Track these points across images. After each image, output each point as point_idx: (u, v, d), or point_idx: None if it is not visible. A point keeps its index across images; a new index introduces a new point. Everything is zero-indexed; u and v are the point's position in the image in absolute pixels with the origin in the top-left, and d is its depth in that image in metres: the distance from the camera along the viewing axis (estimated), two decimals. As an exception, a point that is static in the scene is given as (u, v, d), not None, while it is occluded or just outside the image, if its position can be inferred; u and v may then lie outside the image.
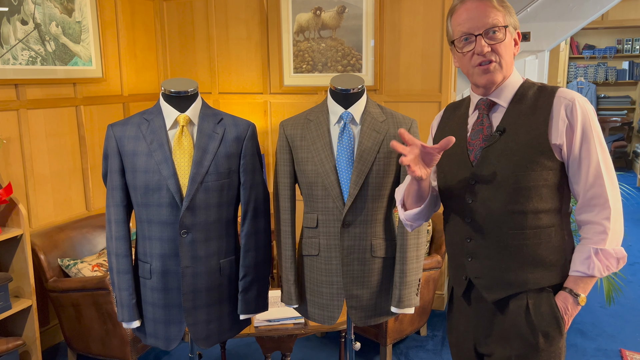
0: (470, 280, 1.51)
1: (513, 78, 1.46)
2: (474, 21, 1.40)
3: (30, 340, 2.76)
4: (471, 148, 1.47)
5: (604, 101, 8.87)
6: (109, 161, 1.79)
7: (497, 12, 1.40)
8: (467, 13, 1.40)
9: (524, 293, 1.43)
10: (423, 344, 3.20)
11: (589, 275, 1.38)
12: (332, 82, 1.87)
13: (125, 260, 1.81)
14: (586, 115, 1.38)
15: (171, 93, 1.78)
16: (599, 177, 1.37)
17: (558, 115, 1.38)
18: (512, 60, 1.45)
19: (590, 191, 1.38)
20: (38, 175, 3.08)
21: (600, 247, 1.36)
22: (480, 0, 1.41)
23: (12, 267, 2.73)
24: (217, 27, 3.82)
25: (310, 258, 1.94)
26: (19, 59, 2.91)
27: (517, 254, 1.42)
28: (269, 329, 2.39)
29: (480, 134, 1.47)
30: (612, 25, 7.53)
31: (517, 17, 4.56)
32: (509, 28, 1.41)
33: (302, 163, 1.88)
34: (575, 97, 1.39)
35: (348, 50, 3.51)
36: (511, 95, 1.45)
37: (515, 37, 1.46)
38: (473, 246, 1.48)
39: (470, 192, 1.46)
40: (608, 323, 3.44)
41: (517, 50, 1.46)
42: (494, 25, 1.39)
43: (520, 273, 1.42)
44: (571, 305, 1.40)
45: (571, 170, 1.40)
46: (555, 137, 1.37)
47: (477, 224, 1.46)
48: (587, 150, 1.37)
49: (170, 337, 1.85)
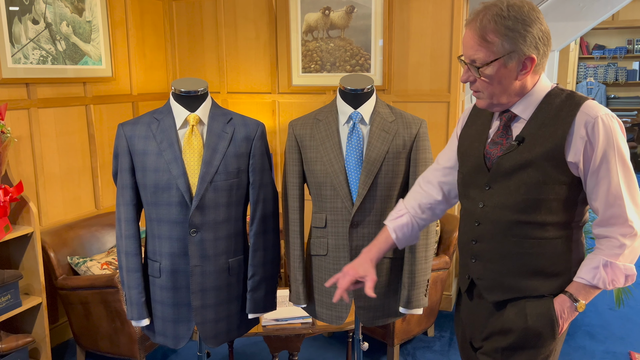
0: (472, 280, 1.53)
1: (538, 88, 1.40)
2: (464, 49, 1.39)
3: (40, 337, 2.78)
4: (488, 156, 1.46)
5: (614, 102, 8.81)
6: (119, 160, 1.80)
7: (479, 48, 1.35)
8: (464, 38, 1.40)
9: (523, 298, 1.43)
10: (430, 344, 3.19)
11: (592, 285, 1.36)
12: (342, 82, 1.87)
13: (134, 259, 1.82)
14: (609, 134, 1.32)
15: (181, 93, 1.79)
16: (618, 197, 1.32)
17: (578, 133, 1.33)
18: (507, 90, 1.38)
19: (609, 211, 1.34)
20: (48, 173, 3.11)
21: (611, 260, 1.34)
22: (470, 30, 1.37)
23: (22, 265, 2.75)
24: (225, 27, 3.83)
25: (318, 258, 1.94)
26: (30, 58, 2.93)
27: (518, 261, 1.42)
28: (276, 329, 2.39)
29: (499, 145, 1.44)
30: (622, 25, 7.48)
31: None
32: (501, 59, 1.34)
33: (311, 163, 1.88)
34: (600, 113, 1.33)
35: (357, 50, 3.50)
36: (533, 107, 1.40)
37: (517, 63, 1.35)
38: (478, 248, 1.49)
39: (483, 197, 1.46)
40: (617, 325, 3.42)
41: (523, 76, 1.37)
42: (474, 60, 1.36)
43: (520, 279, 1.42)
44: (568, 309, 1.38)
45: (589, 188, 1.36)
46: (571, 155, 1.34)
47: (484, 228, 1.46)
48: (607, 170, 1.32)
49: (178, 336, 1.85)
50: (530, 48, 1.34)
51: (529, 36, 1.33)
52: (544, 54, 1.37)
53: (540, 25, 1.34)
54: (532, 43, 1.34)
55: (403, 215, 1.67)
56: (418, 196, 1.68)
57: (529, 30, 1.33)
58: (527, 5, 1.35)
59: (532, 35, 1.33)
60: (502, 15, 1.33)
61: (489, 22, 1.33)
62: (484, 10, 1.36)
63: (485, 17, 1.34)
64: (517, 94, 1.40)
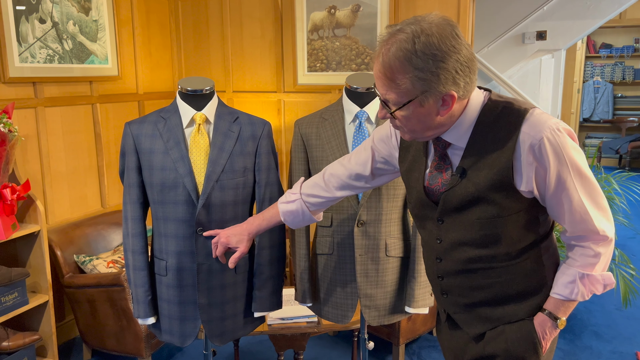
0: (448, 314, 1.47)
1: (469, 110, 1.24)
2: (376, 83, 1.23)
3: (47, 335, 2.79)
4: (431, 192, 1.34)
5: (621, 101, 8.76)
6: (126, 159, 1.81)
7: (388, 89, 1.19)
8: (374, 71, 1.24)
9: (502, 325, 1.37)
10: (436, 344, 3.19)
11: (570, 299, 1.30)
12: (348, 80, 1.87)
13: (141, 257, 1.82)
14: (559, 152, 1.18)
15: (188, 91, 1.79)
16: (583, 213, 1.23)
17: (525, 159, 1.20)
18: (430, 125, 1.23)
19: (577, 227, 1.25)
20: (55, 172, 3.12)
21: (587, 272, 1.26)
22: (377, 65, 1.20)
23: (29, 263, 2.76)
24: (231, 25, 3.84)
25: (324, 257, 1.94)
26: (37, 57, 2.94)
27: (489, 292, 1.34)
28: (282, 327, 2.39)
29: (440, 178, 1.32)
30: (629, 24, 7.44)
31: (533, 15, 4.51)
32: (415, 100, 1.17)
33: (317, 162, 1.88)
34: (544, 133, 1.18)
35: (362, 48, 3.50)
36: (468, 133, 1.25)
37: (434, 101, 1.18)
38: (446, 284, 1.41)
39: (439, 233, 1.36)
40: (624, 325, 3.40)
41: (445, 111, 1.19)
42: (387, 100, 1.21)
43: (495, 309, 1.35)
44: (549, 329, 1.32)
45: (549, 209, 1.27)
46: (522, 184, 1.22)
47: (446, 264, 1.38)
48: (564, 189, 1.21)
49: (185, 334, 1.86)
50: (447, 85, 1.15)
51: (443, 73, 1.14)
52: (468, 82, 1.19)
53: (457, 54, 1.14)
54: (448, 80, 1.15)
55: (295, 202, 1.62)
56: (317, 188, 1.61)
57: (442, 66, 1.13)
58: (437, 32, 1.13)
59: (447, 71, 1.14)
60: (408, 51, 1.13)
61: (394, 59, 1.15)
62: (387, 44, 1.17)
63: (389, 52, 1.15)
64: (443, 125, 1.24)
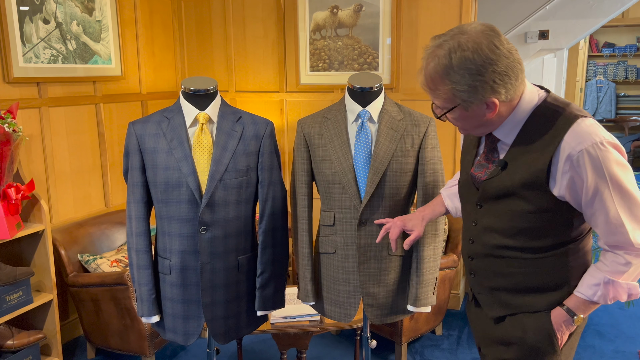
0: (474, 293, 1.55)
1: (520, 109, 1.28)
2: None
3: (51, 333, 2.81)
4: (475, 179, 1.43)
5: (624, 100, 8.74)
6: (130, 158, 1.82)
7: (434, 95, 1.26)
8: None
9: (521, 313, 1.42)
10: (438, 343, 3.19)
11: (592, 301, 1.32)
12: (350, 80, 1.87)
13: (145, 256, 1.83)
14: (598, 166, 1.19)
15: (191, 91, 1.80)
16: (619, 225, 1.23)
17: (560, 167, 1.22)
18: (480, 123, 1.29)
19: (612, 237, 1.27)
20: (59, 171, 3.14)
21: (614, 278, 1.28)
22: (422, 74, 1.26)
23: (33, 262, 2.78)
24: (234, 25, 3.85)
25: (327, 256, 1.95)
26: (41, 58, 2.96)
27: (512, 279, 1.40)
28: (285, 326, 2.40)
29: (485, 168, 1.39)
30: (632, 23, 7.42)
31: (536, 15, 4.52)
32: (460, 106, 1.23)
33: (320, 161, 1.89)
34: (585, 145, 1.18)
35: (365, 48, 3.50)
36: (517, 130, 1.30)
37: (478, 106, 1.23)
38: (474, 265, 1.49)
39: (476, 216, 1.44)
40: (627, 325, 3.40)
41: (491, 114, 1.24)
42: (431, 99, 1.30)
43: (515, 296, 1.41)
44: (565, 323, 1.35)
45: (586, 217, 1.28)
46: (555, 189, 1.25)
47: (477, 247, 1.45)
48: (601, 202, 1.22)
49: (188, 332, 1.87)
50: (486, 94, 1.19)
51: (480, 85, 1.18)
52: (510, 88, 1.21)
53: (494, 65, 1.16)
54: (486, 90, 1.19)
55: (456, 186, 1.69)
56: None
57: (478, 79, 1.17)
58: (473, 46, 1.15)
59: (484, 82, 1.17)
60: (445, 67, 1.18)
61: (434, 73, 1.20)
62: (429, 58, 1.22)
63: (429, 67, 1.21)
64: (493, 123, 1.29)
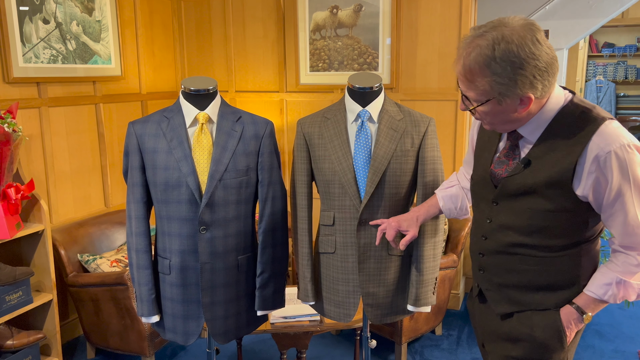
0: (481, 289, 1.55)
1: (548, 108, 1.28)
2: (458, 79, 1.31)
3: (51, 333, 2.81)
4: (494, 176, 1.42)
5: (624, 100, 8.74)
6: (130, 158, 1.82)
7: (468, 88, 1.25)
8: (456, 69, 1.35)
9: (529, 310, 1.43)
10: (438, 343, 3.19)
11: (602, 300, 1.33)
12: (350, 80, 1.87)
13: (145, 256, 1.83)
14: (624, 168, 1.20)
15: (191, 91, 1.80)
16: (636, 227, 1.25)
17: (587, 167, 1.23)
18: (508, 120, 1.29)
19: (627, 239, 1.28)
20: (58, 171, 3.14)
21: (625, 278, 1.29)
22: (458, 65, 1.26)
23: (33, 262, 2.78)
24: (234, 25, 3.85)
25: (326, 255, 1.95)
26: (41, 58, 2.96)
27: (523, 277, 1.41)
28: (285, 326, 2.40)
29: (505, 165, 1.39)
30: (632, 23, 7.42)
31: (536, 15, 4.52)
32: (494, 100, 1.23)
33: (319, 161, 1.89)
34: (613, 147, 1.19)
35: (364, 48, 3.50)
36: (542, 129, 1.30)
37: (512, 101, 1.23)
38: (484, 261, 1.49)
39: (491, 213, 1.44)
40: (627, 325, 3.40)
41: (523, 110, 1.24)
42: (467, 96, 1.29)
43: (526, 294, 1.42)
44: (575, 321, 1.36)
45: (604, 219, 1.30)
46: (579, 189, 1.26)
47: (490, 243, 1.45)
48: (622, 204, 1.24)
49: (188, 332, 1.87)
50: (524, 89, 1.20)
51: (520, 79, 1.18)
52: (546, 85, 1.22)
53: (536, 60, 1.17)
54: (525, 84, 1.19)
55: (453, 187, 1.70)
56: (466, 174, 1.69)
57: (520, 72, 1.17)
58: (517, 39, 1.16)
59: (525, 77, 1.18)
60: (487, 57, 1.18)
61: (474, 64, 1.20)
62: (469, 47, 1.21)
63: (470, 56, 1.20)
64: (520, 120, 1.30)
